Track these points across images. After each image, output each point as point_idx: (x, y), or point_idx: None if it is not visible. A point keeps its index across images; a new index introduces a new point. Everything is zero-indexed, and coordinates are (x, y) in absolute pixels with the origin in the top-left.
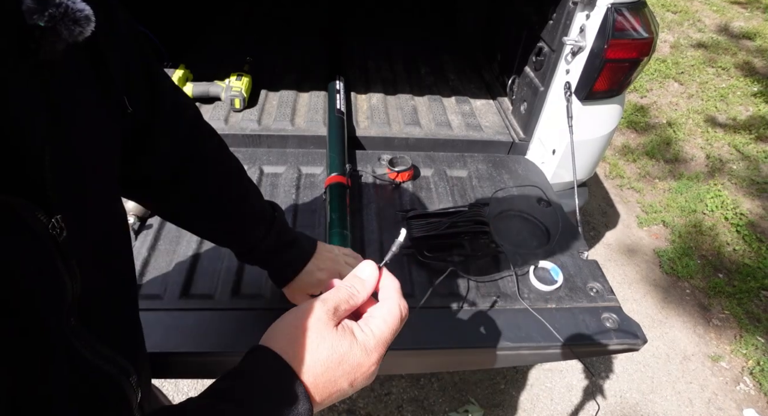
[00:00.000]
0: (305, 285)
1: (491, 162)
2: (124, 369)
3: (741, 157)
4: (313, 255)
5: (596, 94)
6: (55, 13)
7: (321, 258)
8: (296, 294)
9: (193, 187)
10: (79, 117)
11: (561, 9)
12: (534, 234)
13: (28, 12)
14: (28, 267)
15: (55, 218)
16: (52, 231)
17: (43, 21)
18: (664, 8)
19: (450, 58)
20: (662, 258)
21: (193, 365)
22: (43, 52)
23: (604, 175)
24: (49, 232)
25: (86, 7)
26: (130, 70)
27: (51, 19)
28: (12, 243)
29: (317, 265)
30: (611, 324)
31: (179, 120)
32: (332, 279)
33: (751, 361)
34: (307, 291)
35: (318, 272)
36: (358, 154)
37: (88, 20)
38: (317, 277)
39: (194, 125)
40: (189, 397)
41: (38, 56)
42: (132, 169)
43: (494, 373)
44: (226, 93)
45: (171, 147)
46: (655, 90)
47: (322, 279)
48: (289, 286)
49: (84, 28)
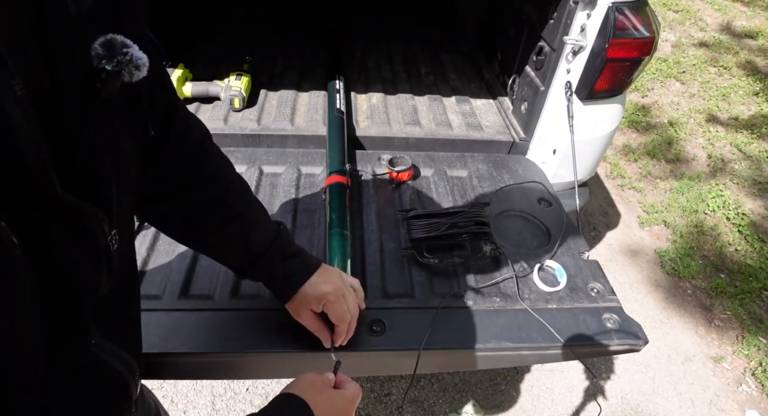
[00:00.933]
0: (310, 299)
1: (492, 162)
2: (129, 365)
3: (743, 156)
4: (318, 268)
5: (597, 93)
6: (123, 60)
7: (327, 273)
8: (300, 309)
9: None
10: (123, 143)
11: (562, 8)
12: (534, 234)
13: (97, 57)
14: (83, 269)
15: (114, 231)
16: (110, 241)
17: (111, 66)
18: (666, 7)
19: (450, 57)
20: (663, 259)
21: (193, 365)
22: (106, 90)
23: (605, 175)
24: (107, 242)
25: (144, 55)
26: (154, 96)
27: (118, 64)
28: (78, 243)
29: (323, 279)
30: (612, 324)
31: (189, 138)
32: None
33: (754, 362)
34: (312, 305)
35: (323, 285)
36: (358, 154)
37: (145, 65)
38: (322, 290)
39: (203, 142)
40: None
41: (101, 94)
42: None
43: (494, 374)
44: (226, 92)
45: (179, 162)
46: (656, 89)
47: (326, 293)
48: (293, 299)
49: (141, 72)
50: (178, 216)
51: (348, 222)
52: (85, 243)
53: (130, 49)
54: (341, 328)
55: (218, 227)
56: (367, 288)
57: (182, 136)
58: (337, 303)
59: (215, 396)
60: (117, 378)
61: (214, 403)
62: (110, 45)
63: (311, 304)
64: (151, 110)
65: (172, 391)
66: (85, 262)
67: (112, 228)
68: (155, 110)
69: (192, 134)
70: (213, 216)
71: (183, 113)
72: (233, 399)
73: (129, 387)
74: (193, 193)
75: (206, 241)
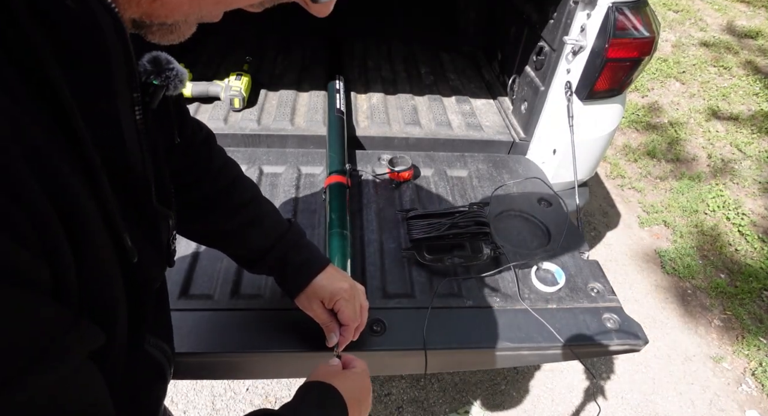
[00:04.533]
0: (324, 292)
1: (491, 162)
2: (166, 352)
3: (743, 156)
4: (330, 264)
5: (597, 93)
6: (170, 75)
7: (340, 272)
8: (312, 300)
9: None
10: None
11: (562, 8)
12: (535, 234)
13: (145, 73)
14: (155, 268)
15: (175, 231)
16: (171, 240)
17: (159, 80)
18: (666, 7)
19: (450, 57)
20: (663, 259)
21: (193, 365)
22: (153, 104)
23: (605, 175)
24: (169, 241)
25: (184, 69)
26: (179, 103)
27: (165, 79)
28: (152, 243)
29: (339, 276)
30: (612, 324)
31: (195, 138)
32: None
33: (754, 362)
34: (324, 297)
35: (339, 281)
36: (358, 154)
37: (186, 79)
38: (337, 286)
39: (207, 140)
40: None
41: (151, 106)
42: None
43: (494, 374)
44: (226, 92)
45: (187, 161)
46: (656, 89)
47: (342, 289)
48: (306, 290)
49: (182, 85)
50: (189, 208)
51: (348, 222)
52: (155, 244)
53: (174, 64)
54: (348, 331)
55: (231, 215)
56: (368, 288)
57: (190, 138)
58: (350, 302)
59: (215, 396)
60: (156, 365)
61: (214, 403)
62: (156, 61)
63: (323, 297)
64: (175, 118)
65: (172, 391)
66: (155, 261)
67: (174, 228)
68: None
69: (198, 135)
70: (224, 205)
71: (189, 116)
72: (233, 399)
73: (165, 372)
74: (202, 186)
75: (219, 231)
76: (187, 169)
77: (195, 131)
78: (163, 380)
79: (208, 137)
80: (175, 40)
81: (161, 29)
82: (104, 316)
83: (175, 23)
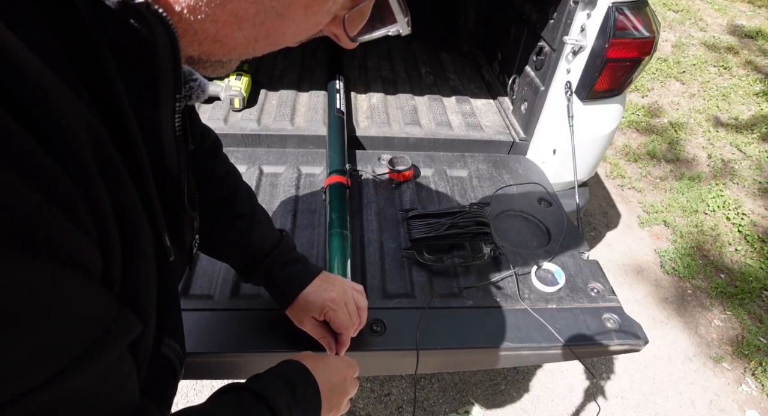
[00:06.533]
0: (311, 306)
1: (492, 162)
2: (179, 355)
3: (743, 156)
4: (318, 275)
5: (597, 93)
6: (194, 86)
7: (328, 280)
8: (302, 317)
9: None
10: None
11: (562, 8)
12: (535, 234)
13: None
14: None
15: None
16: (194, 244)
17: (184, 91)
18: (666, 7)
19: (450, 57)
20: (663, 259)
21: (193, 365)
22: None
23: (605, 175)
24: (191, 244)
25: (206, 80)
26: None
27: (189, 89)
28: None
29: (324, 286)
30: (612, 324)
31: (203, 144)
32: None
33: (753, 362)
34: (313, 312)
35: (324, 292)
36: (358, 154)
37: (207, 89)
38: (323, 297)
39: (214, 147)
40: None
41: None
42: None
43: (494, 374)
44: (226, 92)
45: (194, 166)
46: (656, 89)
47: (327, 300)
48: (294, 306)
49: (205, 95)
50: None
51: (348, 222)
52: (180, 247)
53: (197, 75)
54: (344, 337)
55: (224, 227)
56: (367, 288)
57: (199, 143)
58: (339, 310)
59: None
60: (169, 365)
61: None
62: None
63: (313, 312)
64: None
65: None
66: (181, 262)
67: (197, 231)
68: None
69: (206, 140)
70: (220, 216)
71: (200, 121)
72: None
73: (177, 372)
74: (202, 192)
75: (211, 242)
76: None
77: (204, 136)
78: (175, 380)
79: (215, 144)
80: (223, 73)
81: (214, 65)
82: (139, 314)
83: (228, 60)
